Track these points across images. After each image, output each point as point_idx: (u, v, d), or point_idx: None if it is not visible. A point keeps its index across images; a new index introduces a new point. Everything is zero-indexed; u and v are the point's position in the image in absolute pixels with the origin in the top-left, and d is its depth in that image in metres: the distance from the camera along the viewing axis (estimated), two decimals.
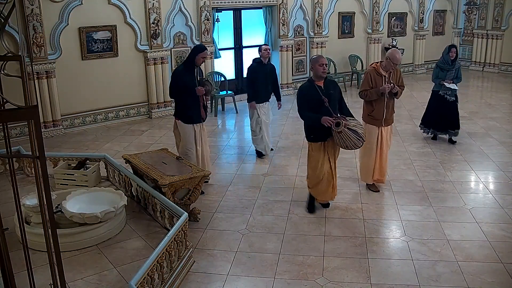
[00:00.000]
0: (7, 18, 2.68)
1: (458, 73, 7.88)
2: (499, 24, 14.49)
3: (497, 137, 8.42)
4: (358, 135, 5.13)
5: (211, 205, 5.85)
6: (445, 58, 7.82)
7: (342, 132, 5.09)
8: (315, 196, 5.67)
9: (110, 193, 5.41)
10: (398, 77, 6.07)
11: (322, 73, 5.28)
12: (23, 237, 3.03)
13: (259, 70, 7.31)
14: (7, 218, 4.94)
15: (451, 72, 7.80)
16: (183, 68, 6.08)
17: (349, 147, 5.21)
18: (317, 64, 5.28)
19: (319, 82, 5.33)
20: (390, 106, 6.05)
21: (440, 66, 7.88)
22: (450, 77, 7.80)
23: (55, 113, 8.99)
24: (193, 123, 6.13)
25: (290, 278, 4.34)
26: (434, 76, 8.00)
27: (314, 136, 5.40)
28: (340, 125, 5.08)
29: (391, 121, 6.18)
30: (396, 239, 5.04)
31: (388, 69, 5.92)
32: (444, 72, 7.82)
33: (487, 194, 6.12)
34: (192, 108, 6.05)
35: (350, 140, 5.12)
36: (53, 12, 8.76)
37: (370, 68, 6.12)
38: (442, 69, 7.84)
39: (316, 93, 5.25)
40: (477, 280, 4.26)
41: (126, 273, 4.34)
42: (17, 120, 2.63)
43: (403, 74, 14.43)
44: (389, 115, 6.05)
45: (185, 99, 6.02)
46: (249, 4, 11.31)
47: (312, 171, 5.53)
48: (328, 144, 5.40)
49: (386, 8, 13.87)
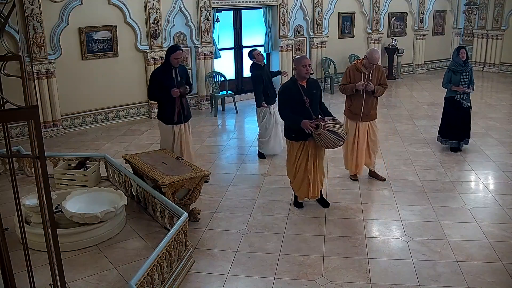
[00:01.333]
0: (7, 18, 2.69)
1: (471, 76, 7.37)
2: (499, 24, 14.49)
3: (497, 137, 8.42)
4: (337, 135, 5.21)
5: (211, 205, 5.85)
6: (456, 61, 7.32)
7: (321, 134, 5.17)
8: (295, 193, 5.74)
9: (110, 193, 5.41)
10: (380, 76, 6.22)
11: (305, 74, 5.33)
12: (23, 237, 3.03)
13: (263, 73, 7.39)
14: (7, 218, 4.94)
15: (465, 74, 7.28)
16: (160, 69, 6.19)
17: (329, 147, 5.34)
18: (301, 65, 5.32)
19: (302, 82, 5.38)
20: (369, 102, 6.22)
21: (452, 69, 7.34)
22: (465, 81, 7.26)
23: (55, 113, 8.99)
24: (171, 124, 6.20)
25: (290, 278, 4.34)
26: (445, 81, 7.44)
27: (295, 136, 5.45)
28: (319, 128, 5.15)
29: (371, 117, 6.32)
30: (396, 239, 5.04)
31: (368, 67, 6.06)
32: (457, 75, 7.28)
33: (487, 194, 6.12)
34: (169, 109, 6.12)
35: (330, 141, 5.21)
36: (53, 12, 8.76)
37: (352, 64, 6.39)
38: (455, 72, 7.29)
39: (298, 93, 5.30)
40: (477, 280, 4.26)
41: (126, 273, 4.34)
42: (17, 120, 2.63)
43: (403, 74, 14.47)
44: (367, 111, 6.22)
45: (161, 100, 6.18)
46: (249, 4, 11.31)
47: (289, 168, 5.67)
48: (309, 143, 5.44)
49: (386, 8, 13.87)
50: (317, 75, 12.73)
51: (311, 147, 5.46)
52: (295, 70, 5.48)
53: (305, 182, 5.56)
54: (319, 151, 5.55)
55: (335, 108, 9.78)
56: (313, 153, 5.49)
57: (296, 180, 5.62)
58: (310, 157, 5.48)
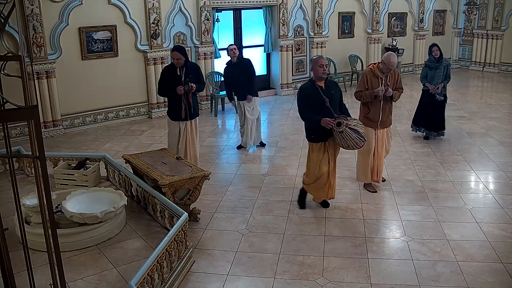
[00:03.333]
0: (7, 18, 2.69)
1: (447, 71, 7.94)
2: (499, 24, 14.48)
3: (497, 137, 8.42)
4: (359, 134, 5.14)
5: (211, 205, 5.85)
6: (430, 58, 7.98)
7: (343, 132, 5.09)
8: (312, 194, 5.72)
9: (110, 193, 5.41)
10: (396, 79, 6.05)
11: (322, 74, 5.28)
12: (23, 237, 3.03)
13: (231, 70, 7.77)
14: (7, 218, 4.93)
15: (439, 70, 7.87)
16: (167, 67, 6.47)
17: (350, 147, 5.22)
18: (317, 65, 5.29)
19: (320, 83, 5.33)
20: (387, 108, 6.03)
21: (428, 65, 7.98)
22: (439, 76, 7.87)
23: (55, 113, 8.99)
24: (176, 120, 6.39)
25: (290, 278, 4.34)
26: (422, 76, 8.10)
27: (314, 137, 5.41)
28: (342, 125, 5.08)
29: (388, 123, 6.18)
30: (396, 239, 5.04)
31: (384, 72, 5.90)
32: (432, 70, 7.90)
33: (487, 194, 6.12)
34: (175, 106, 6.32)
35: (351, 139, 5.12)
36: (53, 12, 8.76)
37: (367, 69, 6.13)
38: (430, 68, 7.92)
39: (317, 93, 5.25)
40: (477, 280, 4.26)
41: (126, 273, 4.34)
42: (17, 120, 2.63)
43: (403, 74, 14.46)
44: (385, 117, 6.04)
45: (168, 97, 6.52)
46: (249, 4, 11.31)
47: (311, 171, 5.54)
48: (329, 144, 5.40)
49: (386, 8, 13.86)
50: None
51: (331, 148, 5.42)
52: (312, 70, 5.44)
53: (326, 184, 5.52)
54: (336, 152, 5.51)
55: None
56: (332, 155, 5.47)
57: (318, 182, 5.52)
58: (330, 159, 5.45)
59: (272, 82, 12.43)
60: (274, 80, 12.34)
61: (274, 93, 12.26)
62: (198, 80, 6.37)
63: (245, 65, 7.71)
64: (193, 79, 6.24)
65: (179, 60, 6.14)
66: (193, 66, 6.50)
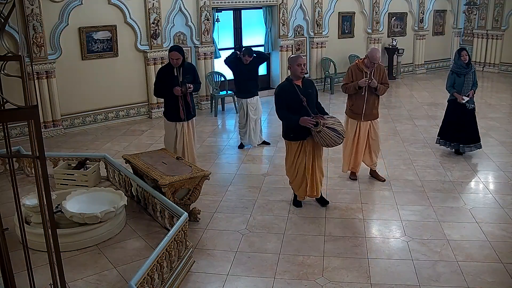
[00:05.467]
0: (7, 18, 2.68)
1: (474, 77, 7.20)
2: (499, 24, 14.48)
3: (497, 137, 8.42)
4: (337, 132, 5.21)
5: (211, 205, 5.85)
6: (459, 63, 7.15)
7: (321, 131, 5.16)
8: (294, 191, 5.77)
9: (110, 193, 5.41)
10: (381, 75, 6.25)
11: (300, 73, 5.36)
12: (23, 237, 3.03)
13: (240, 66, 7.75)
14: (7, 218, 4.94)
15: (469, 76, 7.12)
16: (164, 67, 6.41)
17: (329, 145, 5.32)
18: (295, 64, 5.35)
19: (298, 82, 5.40)
20: (371, 101, 6.24)
21: (455, 72, 7.17)
22: (469, 82, 7.11)
23: (55, 113, 8.99)
24: (173, 121, 6.36)
25: (290, 278, 4.34)
26: (449, 84, 7.28)
27: (293, 136, 5.46)
28: (319, 125, 5.14)
29: (373, 116, 6.35)
30: (396, 239, 5.04)
31: (369, 66, 6.09)
32: (461, 77, 7.11)
33: (487, 194, 6.12)
34: (172, 107, 6.31)
35: (329, 138, 5.20)
36: (53, 12, 8.76)
37: (353, 63, 6.40)
38: (459, 74, 7.13)
39: (294, 92, 5.31)
40: (477, 280, 4.26)
41: (126, 273, 4.34)
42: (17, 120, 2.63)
43: (403, 74, 14.48)
44: (369, 110, 6.24)
45: (164, 98, 6.42)
46: (249, 4, 11.31)
47: (288, 168, 5.67)
48: (307, 143, 5.44)
49: (386, 8, 13.87)
50: (317, 75, 12.75)
51: (310, 147, 5.46)
52: (290, 69, 5.49)
53: (304, 182, 5.57)
54: (318, 151, 5.55)
55: (335, 108, 9.80)
56: (311, 153, 5.50)
57: (296, 180, 5.63)
58: (308, 157, 5.49)
59: (272, 82, 12.43)
60: (274, 80, 12.33)
61: (274, 93, 12.23)
62: (195, 80, 6.39)
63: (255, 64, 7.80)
64: (189, 79, 6.25)
65: (178, 60, 6.11)
66: (189, 66, 6.51)
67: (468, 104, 7.14)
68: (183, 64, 6.22)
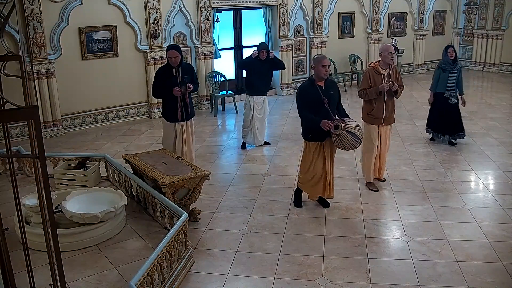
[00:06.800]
0: (7, 18, 2.69)
1: (459, 75, 7.64)
2: (499, 24, 14.48)
3: (497, 137, 8.42)
4: (356, 137, 5.17)
5: (211, 205, 5.85)
6: (445, 59, 7.64)
7: (340, 134, 5.13)
8: (306, 192, 5.73)
9: (110, 193, 5.41)
10: (397, 77, 6.10)
11: (323, 74, 5.30)
12: (23, 237, 3.03)
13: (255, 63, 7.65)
14: (7, 218, 4.94)
15: (453, 72, 7.58)
16: (163, 67, 6.37)
17: (346, 148, 5.27)
18: (320, 65, 5.29)
19: (320, 82, 5.34)
20: (390, 105, 6.09)
21: (441, 67, 7.66)
22: (453, 79, 7.57)
23: (55, 113, 8.99)
24: (172, 122, 6.34)
25: (290, 278, 4.34)
26: (434, 79, 7.79)
27: (312, 136, 5.42)
28: (339, 128, 5.12)
29: (392, 120, 6.23)
30: (396, 239, 5.04)
31: (387, 63, 5.96)
32: (446, 72, 7.59)
33: (487, 194, 6.12)
34: (171, 107, 6.26)
35: (348, 142, 5.16)
36: (53, 12, 8.76)
37: (369, 67, 6.19)
38: (444, 70, 7.61)
39: (316, 93, 5.26)
40: (477, 280, 4.26)
41: (126, 273, 4.34)
42: (17, 120, 2.63)
43: (403, 74, 14.47)
44: (388, 114, 6.09)
45: (163, 98, 6.38)
46: (249, 4, 11.31)
47: (305, 169, 5.60)
48: (325, 144, 5.43)
49: (386, 8, 13.87)
50: None
51: (328, 148, 5.44)
52: (313, 69, 5.44)
53: (321, 182, 5.54)
54: (333, 152, 5.54)
55: None
56: (329, 154, 5.49)
57: (312, 180, 5.56)
58: (326, 158, 5.47)
59: (272, 82, 12.37)
60: (274, 80, 12.28)
61: (274, 93, 12.25)
62: (193, 80, 6.38)
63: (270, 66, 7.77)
64: (187, 79, 6.23)
65: (176, 58, 6.08)
66: (187, 66, 6.50)
67: (451, 98, 7.70)
68: (182, 64, 6.21)
